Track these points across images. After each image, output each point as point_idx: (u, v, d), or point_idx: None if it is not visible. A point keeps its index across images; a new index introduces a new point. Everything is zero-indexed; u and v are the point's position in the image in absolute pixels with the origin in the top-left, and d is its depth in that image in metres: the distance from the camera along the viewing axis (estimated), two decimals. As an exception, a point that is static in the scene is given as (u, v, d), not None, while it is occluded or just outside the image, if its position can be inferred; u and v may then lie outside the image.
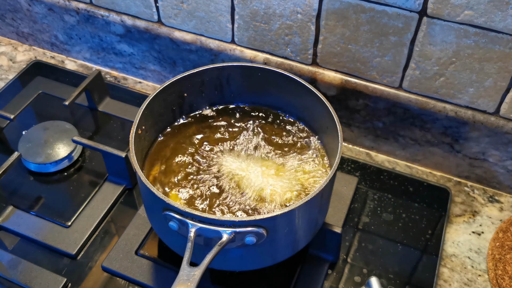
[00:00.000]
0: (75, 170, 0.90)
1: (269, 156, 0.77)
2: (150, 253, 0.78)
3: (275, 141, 0.79)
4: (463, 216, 0.85)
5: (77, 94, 0.94)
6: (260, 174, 0.74)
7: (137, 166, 0.65)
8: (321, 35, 0.83)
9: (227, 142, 0.79)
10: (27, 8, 1.05)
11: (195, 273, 0.57)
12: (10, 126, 0.96)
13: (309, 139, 0.79)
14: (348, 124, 0.92)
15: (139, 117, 0.71)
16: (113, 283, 0.75)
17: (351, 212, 0.84)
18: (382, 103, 0.86)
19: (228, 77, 0.80)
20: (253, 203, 0.70)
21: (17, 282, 0.75)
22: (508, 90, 0.77)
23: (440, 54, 0.77)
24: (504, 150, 0.82)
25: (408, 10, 0.74)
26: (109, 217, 0.83)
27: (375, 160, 0.93)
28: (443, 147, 0.87)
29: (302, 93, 0.76)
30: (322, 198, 0.68)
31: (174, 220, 0.62)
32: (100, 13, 0.98)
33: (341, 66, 0.86)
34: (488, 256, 0.79)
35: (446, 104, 0.82)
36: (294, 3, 0.81)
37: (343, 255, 0.79)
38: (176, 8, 0.91)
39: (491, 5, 0.69)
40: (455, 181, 0.90)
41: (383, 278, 0.76)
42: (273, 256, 0.69)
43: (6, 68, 1.09)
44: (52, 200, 0.85)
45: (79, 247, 0.79)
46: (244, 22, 0.87)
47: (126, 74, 1.08)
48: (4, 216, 0.82)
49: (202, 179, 0.74)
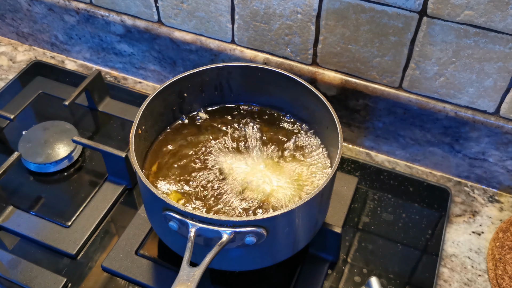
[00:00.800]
0: (75, 170, 0.90)
1: (269, 156, 0.77)
2: (150, 253, 0.78)
3: (275, 141, 0.79)
4: (463, 216, 0.85)
5: (77, 94, 0.94)
6: (260, 174, 0.74)
7: (137, 166, 0.65)
8: (321, 35, 0.83)
9: (227, 142, 0.79)
10: (27, 8, 1.05)
11: (195, 273, 0.57)
12: (10, 126, 0.96)
13: (309, 139, 0.79)
14: (348, 124, 0.92)
15: (139, 117, 0.71)
16: (113, 283, 0.75)
17: (351, 212, 0.84)
18: (382, 103, 0.86)
19: (228, 77, 0.80)
20: (253, 203, 0.70)
21: (17, 282, 0.75)
22: (508, 90, 0.77)
23: (440, 54, 0.77)
24: (504, 150, 0.82)
25: (408, 10, 0.74)
26: (109, 217, 0.83)
27: (375, 160, 0.93)
28: (443, 147, 0.87)
29: (302, 93, 0.76)
30: (322, 198, 0.68)
31: (174, 220, 0.62)
32: (100, 13, 0.98)
33: (341, 66, 0.86)
34: (488, 256, 0.79)
35: (446, 104, 0.82)
36: (294, 3, 0.81)
37: (343, 255, 0.79)
38: (176, 8, 0.91)
39: (491, 5, 0.69)
40: (455, 181, 0.90)
41: (383, 278, 0.76)
42: (273, 256, 0.69)
43: (6, 68, 1.09)
44: (52, 200, 0.85)
45: (79, 247, 0.79)
46: (244, 22, 0.87)
47: (126, 74, 1.08)
48: (4, 216, 0.82)
49: (203, 179, 0.74)
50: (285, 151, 0.78)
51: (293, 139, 0.79)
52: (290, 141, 0.79)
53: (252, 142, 0.79)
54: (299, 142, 0.79)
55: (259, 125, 0.81)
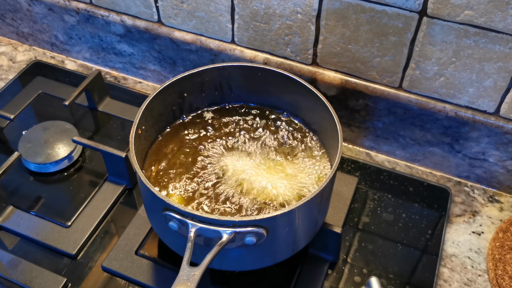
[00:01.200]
0: (75, 170, 0.90)
1: (269, 156, 0.77)
2: (150, 253, 0.78)
3: (275, 141, 0.79)
4: (463, 216, 0.85)
5: (77, 94, 0.94)
6: (260, 174, 0.74)
7: (137, 166, 0.65)
8: (321, 35, 0.83)
9: (227, 142, 0.79)
10: (27, 8, 1.05)
11: (195, 273, 0.57)
12: (10, 126, 0.96)
13: (309, 139, 0.79)
14: (348, 124, 0.92)
15: (139, 117, 0.71)
16: (113, 283, 0.75)
17: (351, 212, 0.84)
18: (382, 103, 0.86)
19: (228, 77, 0.80)
20: (254, 203, 0.70)
21: (17, 282, 0.75)
22: (508, 90, 0.77)
23: (440, 54, 0.77)
24: (504, 150, 0.82)
25: (408, 10, 0.74)
26: (109, 217, 0.83)
27: (375, 160, 0.93)
28: (443, 147, 0.87)
29: (302, 93, 0.76)
30: (322, 198, 0.68)
31: (174, 220, 0.62)
32: (100, 13, 0.98)
33: (341, 66, 0.86)
34: (488, 256, 0.79)
35: (446, 104, 0.82)
36: (294, 3, 0.81)
37: (343, 255, 0.79)
38: (176, 8, 0.91)
39: (491, 5, 0.69)
40: (455, 181, 0.90)
41: (383, 278, 0.76)
42: (273, 256, 0.69)
43: (6, 68, 1.09)
44: (52, 200, 0.85)
45: (79, 247, 0.79)
46: (244, 22, 0.87)
47: (126, 74, 1.08)
48: (4, 216, 0.82)
49: (203, 179, 0.74)
50: (285, 151, 0.78)
51: (293, 139, 0.79)
52: (290, 141, 0.79)
53: (252, 142, 0.79)
54: (299, 142, 0.79)
55: (259, 125, 0.81)
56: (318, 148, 0.78)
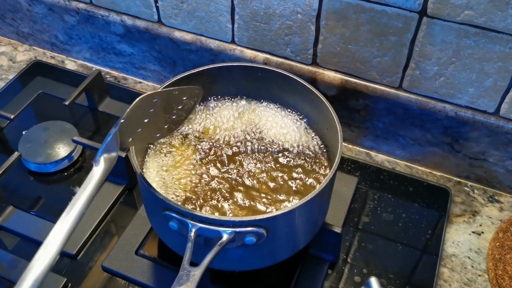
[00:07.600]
0: (75, 170, 0.90)
1: (269, 156, 0.77)
2: (150, 253, 0.78)
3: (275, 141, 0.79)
4: (463, 216, 0.85)
5: (77, 94, 0.94)
6: (260, 174, 0.74)
7: (137, 166, 0.65)
8: (321, 35, 0.83)
9: (227, 142, 0.79)
10: (27, 8, 1.05)
11: (195, 273, 0.57)
12: (10, 126, 0.96)
13: (309, 139, 0.79)
14: (348, 124, 0.92)
15: (139, 117, 0.71)
16: (113, 283, 0.75)
17: (351, 212, 0.84)
18: (382, 103, 0.86)
19: (228, 77, 0.80)
20: (254, 203, 0.70)
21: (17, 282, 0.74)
22: (508, 90, 0.77)
23: (440, 54, 0.77)
24: (504, 150, 0.82)
25: (408, 10, 0.74)
26: (109, 217, 0.83)
27: (375, 160, 0.93)
28: (443, 147, 0.87)
29: (302, 93, 0.76)
30: (322, 198, 0.68)
31: (174, 220, 0.62)
32: (100, 13, 0.98)
33: (341, 66, 0.86)
34: (488, 256, 0.79)
35: (446, 104, 0.82)
36: (294, 3, 0.81)
37: (343, 255, 0.79)
38: (176, 8, 0.91)
39: (491, 5, 0.69)
40: (455, 181, 0.90)
41: (383, 278, 0.76)
42: (273, 256, 0.69)
43: (6, 68, 1.09)
44: (52, 200, 0.85)
45: (79, 247, 0.79)
46: (244, 22, 0.87)
47: (126, 74, 1.08)
48: (4, 216, 0.82)
49: (203, 179, 0.74)
50: (285, 151, 0.78)
51: (292, 139, 0.79)
52: (289, 141, 0.79)
53: (251, 142, 0.79)
54: (298, 142, 0.79)
55: (258, 125, 0.81)
56: (318, 147, 0.78)
